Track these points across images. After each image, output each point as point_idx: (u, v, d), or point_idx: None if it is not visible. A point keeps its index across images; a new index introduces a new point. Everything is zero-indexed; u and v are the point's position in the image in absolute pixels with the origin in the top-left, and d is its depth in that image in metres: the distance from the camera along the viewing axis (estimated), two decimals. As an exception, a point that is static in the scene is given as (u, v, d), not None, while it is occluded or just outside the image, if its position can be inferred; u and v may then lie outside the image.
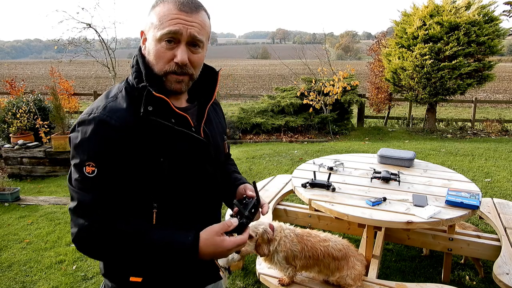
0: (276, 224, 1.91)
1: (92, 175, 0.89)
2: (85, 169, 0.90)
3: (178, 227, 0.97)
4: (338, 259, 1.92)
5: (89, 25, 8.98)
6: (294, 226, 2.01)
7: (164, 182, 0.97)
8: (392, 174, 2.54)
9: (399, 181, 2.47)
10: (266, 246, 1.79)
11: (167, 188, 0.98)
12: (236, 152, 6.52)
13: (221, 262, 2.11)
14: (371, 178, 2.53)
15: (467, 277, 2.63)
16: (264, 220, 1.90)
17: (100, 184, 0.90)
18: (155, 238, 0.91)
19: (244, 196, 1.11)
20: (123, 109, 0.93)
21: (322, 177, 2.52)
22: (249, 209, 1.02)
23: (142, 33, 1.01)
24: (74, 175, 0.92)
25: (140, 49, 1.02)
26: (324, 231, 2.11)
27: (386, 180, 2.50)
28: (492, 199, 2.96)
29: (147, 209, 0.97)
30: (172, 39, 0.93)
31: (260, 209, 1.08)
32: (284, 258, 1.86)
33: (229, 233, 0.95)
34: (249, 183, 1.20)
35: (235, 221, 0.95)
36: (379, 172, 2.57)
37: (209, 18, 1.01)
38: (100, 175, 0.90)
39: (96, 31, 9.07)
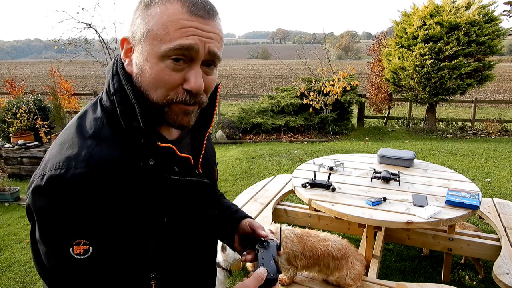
0: (273, 227, 1.91)
1: (84, 257, 0.63)
2: (74, 249, 0.63)
3: None
4: (337, 258, 1.92)
5: (89, 25, 8.98)
6: (293, 226, 2.01)
7: (167, 245, 0.75)
8: (392, 174, 2.54)
9: (399, 181, 2.46)
10: None
11: (169, 251, 0.77)
12: (236, 152, 6.52)
13: (222, 263, 2.11)
14: (371, 178, 2.53)
15: (467, 277, 2.63)
16: (262, 224, 1.90)
17: (97, 266, 0.65)
18: None
19: (263, 239, 0.90)
20: (116, 159, 0.66)
21: (322, 177, 2.52)
22: (276, 259, 0.87)
23: (124, 41, 0.71)
24: (51, 259, 0.64)
25: (122, 65, 0.72)
26: (324, 231, 2.12)
27: (386, 180, 2.50)
28: (492, 199, 2.96)
29: (143, 282, 0.72)
30: (182, 57, 0.66)
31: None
32: (286, 260, 1.86)
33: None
34: (247, 215, 1.03)
35: (264, 271, 0.81)
36: (379, 172, 2.57)
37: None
38: (97, 255, 0.64)
39: (96, 31, 9.08)
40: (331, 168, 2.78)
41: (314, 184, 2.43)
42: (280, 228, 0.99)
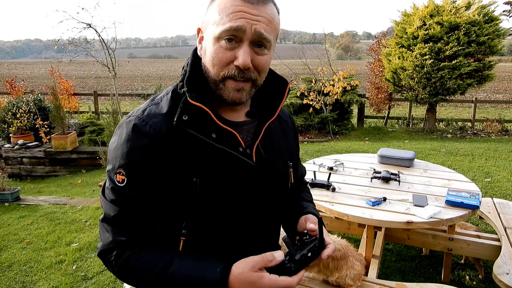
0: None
1: (121, 185, 0.80)
2: (116, 177, 0.81)
3: (207, 257, 0.83)
4: (337, 259, 1.92)
5: (89, 25, 8.96)
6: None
7: (195, 206, 0.84)
8: (392, 174, 2.54)
9: (399, 181, 2.46)
10: None
11: (199, 214, 0.85)
12: (236, 152, 6.51)
13: None
14: (371, 178, 2.53)
15: (467, 277, 2.62)
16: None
17: (128, 196, 0.81)
18: (176, 272, 0.78)
19: (306, 231, 0.88)
20: (162, 114, 0.82)
21: (322, 177, 2.52)
22: (304, 252, 0.79)
23: (199, 30, 0.88)
24: (107, 183, 0.85)
25: (195, 50, 0.90)
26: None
27: (386, 180, 2.50)
28: (492, 199, 2.96)
29: (174, 234, 0.85)
30: (233, 37, 0.78)
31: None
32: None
33: (275, 271, 0.75)
34: (316, 213, 1.02)
35: (279, 255, 0.76)
36: (379, 172, 2.57)
37: (278, 13, 0.86)
38: (129, 186, 0.80)
39: (96, 31, 9.06)
40: (331, 168, 2.78)
41: (314, 184, 2.43)
42: (320, 220, 0.82)
